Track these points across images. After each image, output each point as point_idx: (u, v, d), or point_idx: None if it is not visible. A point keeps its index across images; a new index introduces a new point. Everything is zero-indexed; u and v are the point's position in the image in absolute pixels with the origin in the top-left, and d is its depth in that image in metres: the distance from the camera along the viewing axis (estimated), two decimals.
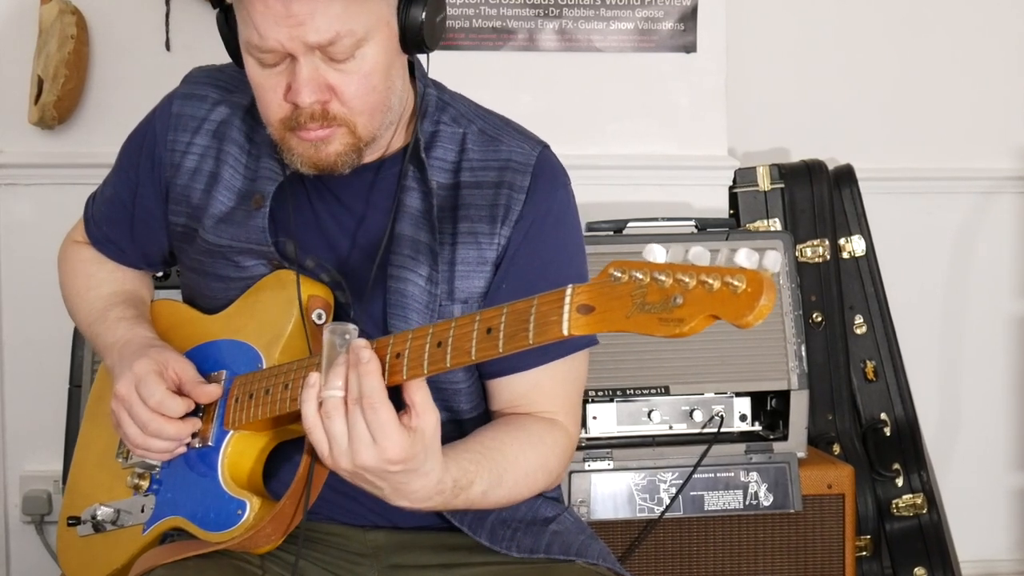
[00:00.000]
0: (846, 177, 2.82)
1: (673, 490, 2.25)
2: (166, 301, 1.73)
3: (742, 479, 2.27)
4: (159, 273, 2.05)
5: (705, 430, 2.29)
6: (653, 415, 2.29)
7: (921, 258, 3.02)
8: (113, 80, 2.70)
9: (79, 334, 2.32)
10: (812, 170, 2.78)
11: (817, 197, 2.76)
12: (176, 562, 1.46)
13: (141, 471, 1.56)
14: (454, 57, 2.68)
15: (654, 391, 2.29)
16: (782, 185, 2.77)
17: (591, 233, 2.37)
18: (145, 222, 1.66)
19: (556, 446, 1.52)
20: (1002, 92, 3.03)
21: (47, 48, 2.59)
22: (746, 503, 2.27)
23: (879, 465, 2.70)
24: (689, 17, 2.75)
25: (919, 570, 2.71)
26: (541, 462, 1.49)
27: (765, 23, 2.95)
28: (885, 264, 2.81)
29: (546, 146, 1.59)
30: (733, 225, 2.56)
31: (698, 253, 1.07)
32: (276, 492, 1.48)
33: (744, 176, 2.78)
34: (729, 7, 2.77)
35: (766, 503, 2.28)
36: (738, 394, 2.32)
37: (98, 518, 1.60)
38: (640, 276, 1.09)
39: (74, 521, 1.64)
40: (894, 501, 2.72)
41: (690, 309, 1.06)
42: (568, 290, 1.16)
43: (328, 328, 1.33)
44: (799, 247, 2.72)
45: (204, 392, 1.50)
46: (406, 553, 1.54)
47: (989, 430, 3.07)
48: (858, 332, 2.78)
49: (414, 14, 1.45)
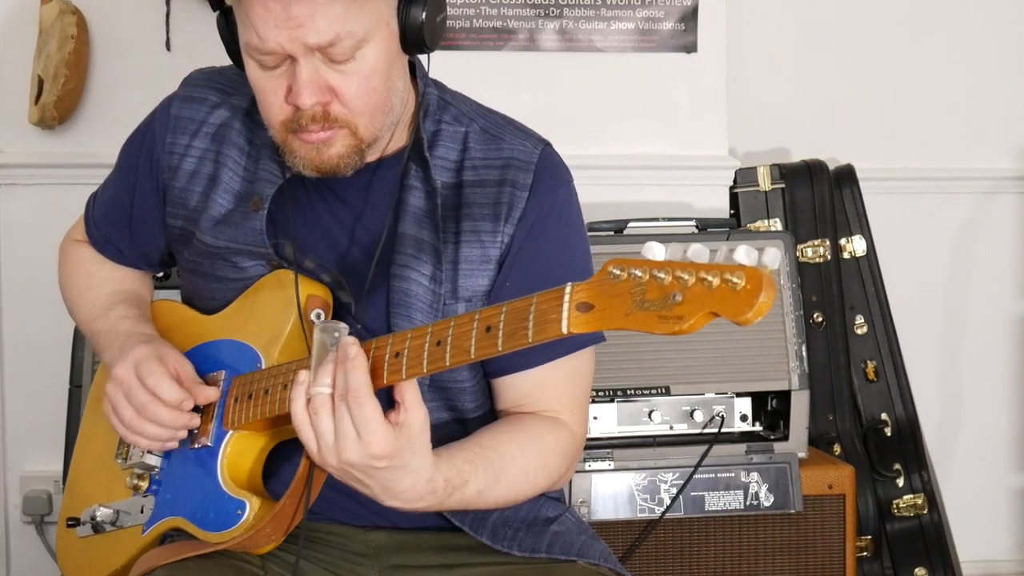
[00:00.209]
0: (847, 177, 2.81)
1: (674, 490, 2.25)
2: (165, 301, 1.73)
3: (743, 479, 2.27)
4: (159, 273, 2.05)
5: (706, 430, 2.29)
6: (654, 415, 2.29)
7: (922, 258, 3.02)
8: (113, 80, 2.70)
9: (79, 334, 2.32)
10: (813, 170, 2.78)
11: (818, 197, 2.75)
12: (176, 562, 1.45)
13: (140, 472, 1.56)
14: (455, 57, 2.68)
15: (655, 391, 2.29)
16: (783, 185, 2.76)
17: (592, 233, 2.36)
18: (144, 223, 1.66)
19: (557, 445, 1.51)
20: (1002, 92, 3.03)
21: (47, 48, 2.58)
22: (747, 503, 2.27)
23: (880, 465, 2.70)
24: (689, 17, 2.74)
25: (920, 570, 2.71)
26: (541, 461, 1.49)
27: (765, 23, 2.95)
28: (886, 264, 2.81)
29: (548, 144, 1.59)
30: (734, 225, 2.56)
31: (697, 251, 1.07)
32: (276, 492, 1.48)
33: (745, 176, 2.77)
34: (729, 7, 2.77)
35: (767, 503, 2.27)
36: (739, 394, 2.31)
37: (97, 519, 1.60)
38: (639, 274, 1.09)
39: (73, 522, 1.64)
40: (895, 501, 2.72)
41: (689, 306, 1.06)
42: (567, 288, 1.16)
43: (319, 327, 1.34)
44: (800, 247, 2.71)
45: (202, 393, 1.50)
46: (407, 553, 1.54)
47: (990, 430, 3.07)
48: (859, 332, 2.77)
49: (414, 14, 1.44)
